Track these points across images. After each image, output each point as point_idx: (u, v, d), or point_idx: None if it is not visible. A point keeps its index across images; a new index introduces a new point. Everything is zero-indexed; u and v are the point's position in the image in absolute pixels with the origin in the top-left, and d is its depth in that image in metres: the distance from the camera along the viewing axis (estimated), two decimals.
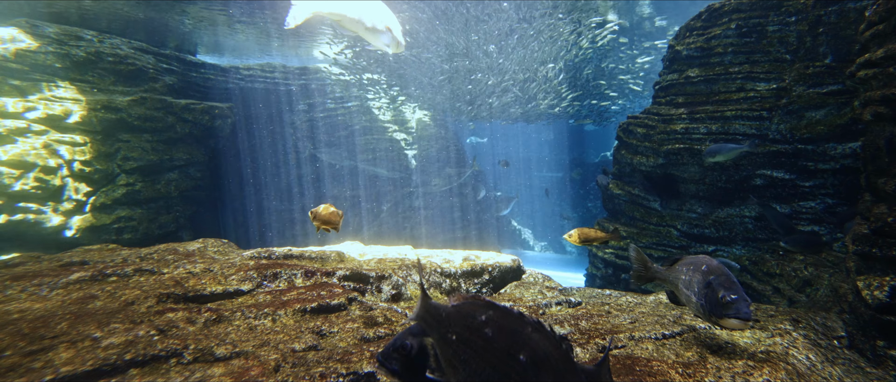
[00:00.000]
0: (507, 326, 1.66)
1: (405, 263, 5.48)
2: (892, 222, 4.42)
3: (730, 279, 2.90)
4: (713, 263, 3.11)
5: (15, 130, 9.79)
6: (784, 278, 7.31)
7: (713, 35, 9.22)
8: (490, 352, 1.63)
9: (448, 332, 1.87)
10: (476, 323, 1.75)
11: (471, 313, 1.81)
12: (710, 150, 8.13)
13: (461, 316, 1.84)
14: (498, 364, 1.58)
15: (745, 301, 2.77)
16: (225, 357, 3.19)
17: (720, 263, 3.13)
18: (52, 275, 4.52)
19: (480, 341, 1.68)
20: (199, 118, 13.08)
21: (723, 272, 2.98)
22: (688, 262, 3.41)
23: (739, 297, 2.77)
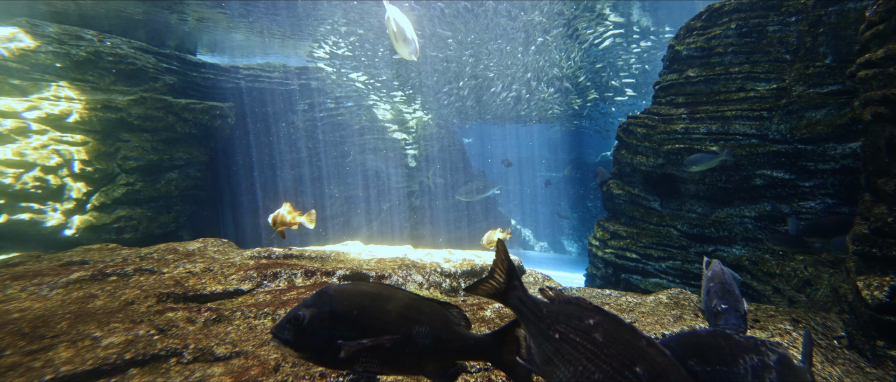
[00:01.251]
0: (619, 335, 1.63)
1: (405, 262, 5.48)
2: (892, 222, 4.42)
3: (725, 289, 2.88)
4: (718, 269, 3.10)
5: (15, 130, 9.78)
6: (784, 278, 7.31)
7: (713, 35, 9.22)
8: (601, 357, 1.61)
9: (550, 329, 1.87)
10: (584, 326, 1.73)
11: (577, 315, 1.80)
12: (689, 160, 8.23)
13: (566, 316, 1.84)
14: (610, 371, 1.56)
15: (735, 313, 2.71)
16: (225, 357, 3.19)
17: (722, 269, 3.12)
18: (52, 274, 4.52)
19: (589, 344, 1.67)
20: (200, 118, 13.08)
21: (721, 279, 2.96)
22: (709, 264, 3.44)
23: (729, 307, 2.74)
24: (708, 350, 2.00)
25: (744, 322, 2.71)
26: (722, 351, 1.99)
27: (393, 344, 2.16)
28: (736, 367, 1.93)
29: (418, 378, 2.53)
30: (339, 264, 5.39)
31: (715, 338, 2.06)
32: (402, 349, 2.19)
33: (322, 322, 2.14)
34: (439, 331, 2.24)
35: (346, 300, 2.21)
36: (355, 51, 17.11)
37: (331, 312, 2.17)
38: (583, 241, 25.43)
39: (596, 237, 10.85)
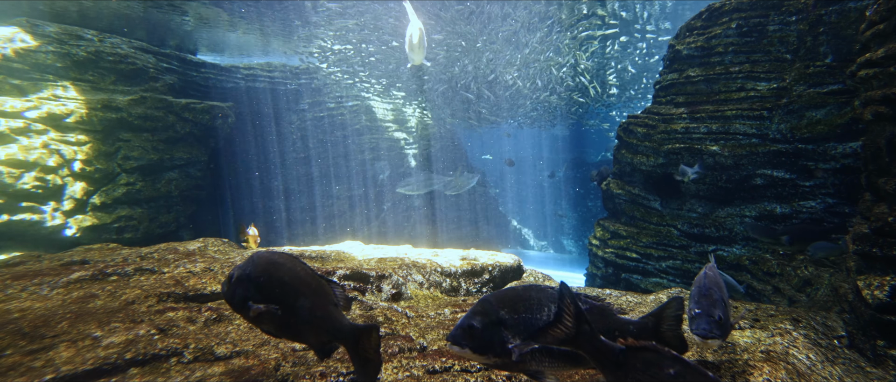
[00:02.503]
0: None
1: (405, 262, 5.48)
2: (893, 221, 4.41)
3: (701, 293, 2.86)
4: (703, 273, 3.09)
5: (15, 130, 9.79)
6: (784, 277, 7.31)
7: (713, 34, 9.21)
8: None
9: (627, 377, 1.89)
10: (664, 376, 1.72)
11: (656, 362, 1.78)
12: (682, 170, 8.47)
13: (645, 364, 1.83)
14: None
15: (707, 317, 2.68)
16: (225, 357, 3.19)
17: (709, 274, 3.09)
18: (52, 274, 4.53)
19: None
20: (200, 118, 13.08)
21: (702, 283, 2.95)
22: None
23: (702, 312, 2.72)
24: (518, 301, 2.33)
25: (717, 327, 2.65)
26: (530, 302, 2.32)
27: (280, 312, 2.42)
28: (539, 313, 2.30)
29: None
30: (339, 263, 5.39)
31: (528, 292, 2.37)
32: (286, 318, 2.44)
33: (241, 282, 2.47)
34: (316, 308, 2.46)
35: (259, 267, 2.50)
36: (355, 50, 17.11)
37: (247, 275, 2.48)
38: (583, 240, 25.42)
39: (596, 237, 10.84)
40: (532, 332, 2.26)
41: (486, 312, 2.32)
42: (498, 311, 2.31)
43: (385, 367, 3.11)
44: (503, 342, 2.27)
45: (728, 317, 2.82)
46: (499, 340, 2.27)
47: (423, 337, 3.71)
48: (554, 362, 2.31)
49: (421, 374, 3.08)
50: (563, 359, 2.33)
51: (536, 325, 2.29)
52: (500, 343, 2.27)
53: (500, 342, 2.27)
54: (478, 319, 2.29)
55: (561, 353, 2.30)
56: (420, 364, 3.15)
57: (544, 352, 2.28)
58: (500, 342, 2.27)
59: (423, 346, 3.51)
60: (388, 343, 3.47)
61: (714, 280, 2.98)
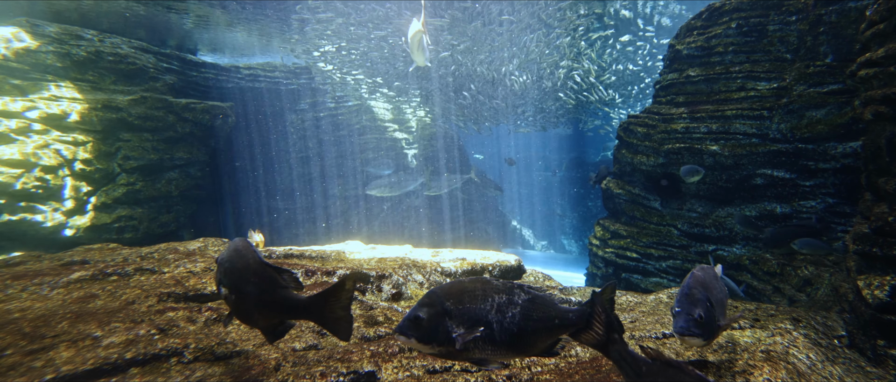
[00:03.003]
0: None
1: (405, 262, 5.48)
2: (893, 221, 4.41)
3: (683, 292, 2.85)
4: (693, 273, 3.08)
5: (16, 130, 9.79)
6: (784, 277, 7.31)
7: (714, 34, 9.21)
8: None
9: None
10: None
11: (677, 380, 1.85)
12: (685, 170, 8.41)
13: (665, 380, 1.92)
14: None
15: (686, 316, 2.69)
16: (225, 356, 3.19)
17: (697, 274, 3.06)
18: (52, 274, 4.53)
19: None
20: (200, 118, 13.08)
21: (686, 282, 2.94)
22: (715, 264, 3.51)
23: (682, 311, 2.73)
24: (463, 293, 2.46)
25: (695, 325, 2.66)
26: (475, 293, 2.46)
27: (234, 297, 2.73)
28: (483, 304, 2.44)
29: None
30: (340, 263, 5.39)
31: (474, 285, 2.51)
32: (238, 302, 2.73)
33: (218, 267, 2.89)
34: (263, 293, 2.67)
35: (226, 255, 2.87)
36: (355, 50, 17.11)
37: (219, 261, 2.89)
38: (583, 240, 25.41)
39: (596, 237, 10.85)
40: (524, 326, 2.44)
41: (432, 304, 2.43)
42: (444, 303, 2.43)
43: (385, 367, 3.11)
44: (448, 331, 2.39)
45: (713, 317, 2.77)
46: (444, 330, 2.39)
47: None
48: (496, 349, 2.46)
49: (421, 374, 3.08)
50: (505, 346, 2.47)
51: (480, 315, 2.43)
52: (445, 332, 2.39)
53: (445, 331, 2.39)
54: (424, 310, 2.41)
55: (503, 341, 2.44)
56: (420, 364, 3.15)
57: (487, 340, 2.42)
58: (444, 331, 2.39)
59: None
60: (389, 342, 3.47)
61: (701, 280, 2.95)
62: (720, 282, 3.19)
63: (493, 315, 2.45)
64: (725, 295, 3.17)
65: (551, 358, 3.34)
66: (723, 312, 3.00)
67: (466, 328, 2.41)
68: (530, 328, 2.51)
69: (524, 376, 3.07)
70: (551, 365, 3.22)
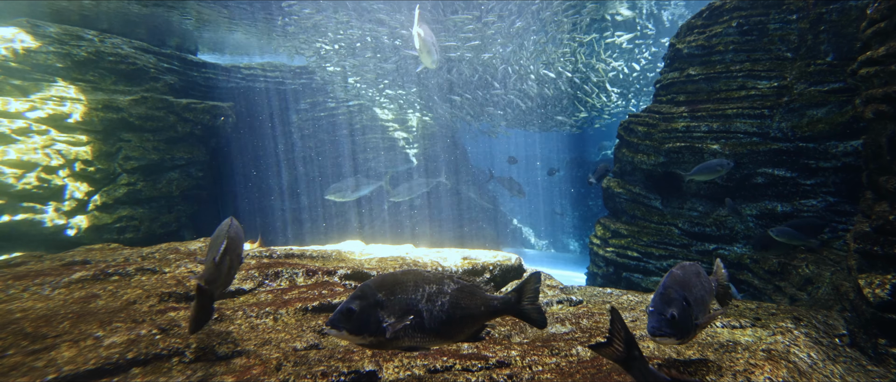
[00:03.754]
0: None
1: (406, 262, 5.49)
2: (894, 220, 4.41)
3: (659, 292, 2.84)
4: (672, 272, 3.04)
5: (16, 130, 9.80)
6: (785, 276, 7.31)
7: (714, 33, 9.20)
8: None
9: None
10: None
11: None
12: (697, 169, 8.30)
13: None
14: None
15: (658, 315, 2.70)
16: (227, 356, 3.20)
17: (676, 273, 3.03)
18: (54, 274, 4.54)
19: None
20: (201, 118, 13.09)
21: (664, 282, 2.92)
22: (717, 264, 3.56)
23: (655, 310, 2.73)
24: (395, 285, 2.59)
25: (668, 325, 2.66)
26: (407, 285, 2.60)
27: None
28: (415, 294, 2.58)
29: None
30: (341, 263, 5.39)
31: (405, 276, 2.65)
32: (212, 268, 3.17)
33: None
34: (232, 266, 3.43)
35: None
36: (356, 51, 17.11)
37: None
38: (584, 239, 25.42)
39: (597, 236, 10.85)
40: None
41: (364, 296, 2.54)
42: (376, 294, 2.54)
43: (386, 366, 3.11)
44: (379, 322, 2.51)
45: (689, 316, 2.75)
46: (375, 320, 2.50)
47: None
48: (426, 336, 2.60)
49: (422, 373, 3.08)
50: (435, 333, 2.62)
51: (412, 305, 2.58)
52: (376, 323, 2.50)
53: (376, 322, 2.50)
54: (356, 303, 2.51)
55: (432, 328, 2.60)
56: (421, 364, 3.16)
57: (417, 328, 2.56)
58: (376, 322, 2.50)
59: None
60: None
61: (679, 279, 2.92)
62: (704, 280, 3.14)
63: (423, 305, 2.59)
64: (709, 293, 3.11)
65: (552, 358, 3.34)
66: (704, 310, 2.96)
67: (397, 318, 2.52)
68: (458, 315, 2.66)
69: (525, 375, 3.07)
70: (552, 364, 3.22)
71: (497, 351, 3.37)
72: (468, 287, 2.74)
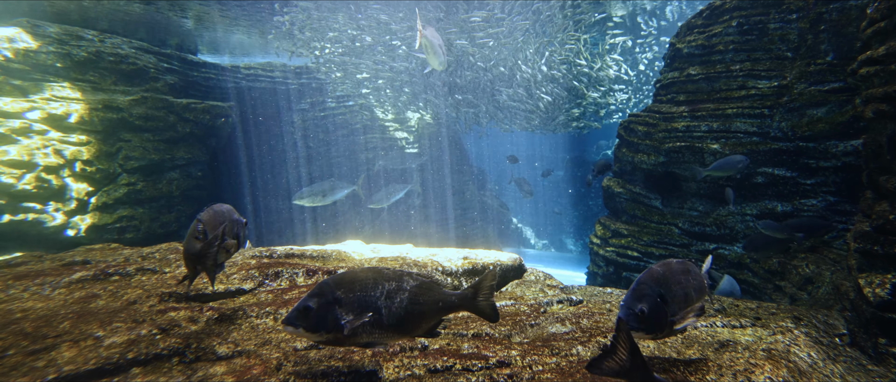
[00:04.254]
0: None
1: (406, 261, 5.49)
2: (894, 219, 4.41)
3: (633, 287, 2.83)
4: (650, 268, 3.02)
5: (16, 130, 9.80)
6: (785, 275, 7.31)
7: (714, 33, 9.20)
8: None
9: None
10: None
11: None
12: (717, 165, 8.22)
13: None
14: None
15: (625, 310, 2.71)
16: (227, 356, 3.20)
17: (656, 270, 3.00)
18: (54, 274, 4.54)
19: None
20: (201, 118, 13.09)
21: (639, 278, 2.91)
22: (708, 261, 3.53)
23: (624, 304, 2.74)
24: (354, 282, 2.63)
25: (637, 321, 2.67)
26: (365, 282, 2.65)
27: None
28: (374, 291, 2.63)
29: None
30: (341, 263, 5.40)
31: (366, 273, 2.69)
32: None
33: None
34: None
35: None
36: (356, 51, 17.10)
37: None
38: (584, 239, 25.41)
39: (597, 235, 10.85)
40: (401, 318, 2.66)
41: (322, 293, 2.55)
42: (334, 292, 2.57)
43: (386, 366, 3.11)
44: (337, 319, 2.53)
45: (661, 312, 2.73)
46: (333, 318, 2.52)
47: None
48: (384, 332, 2.65)
49: (422, 373, 3.08)
50: (393, 329, 2.68)
51: (371, 302, 2.61)
52: (334, 320, 2.52)
53: (334, 319, 2.52)
54: (314, 300, 2.52)
55: (390, 325, 2.65)
56: (421, 364, 3.16)
57: (375, 324, 2.61)
58: (333, 319, 2.52)
59: (424, 345, 3.51)
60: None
61: (656, 275, 2.88)
62: (693, 277, 3.09)
63: (382, 301, 2.64)
64: (694, 289, 3.02)
65: (552, 358, 3.34)
66: (684, 307, 2.91)
67: (355, 315, 2.55)
68: (417, 311, 2.72)
69: (525, 375, 3.07)
70: (552, 364, 3.22)
71: (497, 351, 3.37)
72: (427, 284, 2.80)
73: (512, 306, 4.60)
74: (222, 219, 3.43)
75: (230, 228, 3.42)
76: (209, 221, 3.37)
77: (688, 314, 2.88)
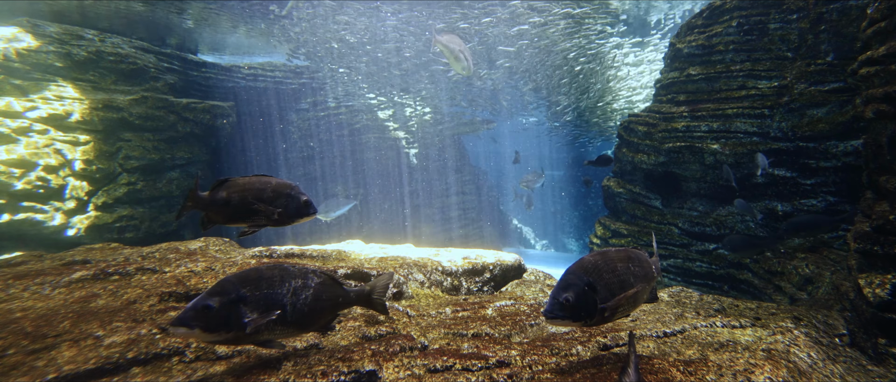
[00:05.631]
0: None
1: (406, 261, 5.49)
2: (894, 219, 4.41)
3: (562, 276, 2.81)
4: (581, 257, 2.98)
5: (17, 130, 9.80)
6: (785, 276, 7.31)
7: (714, 33, 9.20)
8: None
9: None
10: None
11: None
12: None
13: None
14: None
15: (551, 300, 2.70)
16: (227, 356, 3.20)
17: (585, 259, 2.92)
18: (54, 274, 4.54)
19: None
20: (201, 117, 13.09)
21: (569, 267, 2.89)
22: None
23: (551, 294, 2.74)
24: (260, 280, 2.64)
25: (561, 309, 2.66)
26: (272, 280, 2.67)
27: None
28: (280, 289, 2.66)
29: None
30: (341, 263, 5.40)
31: (271, 271, 2.72)
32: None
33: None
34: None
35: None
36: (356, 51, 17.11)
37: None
38: (584, 239, 25.42)
39: (597, 235, 10.85)
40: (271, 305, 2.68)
41: (224, 291, 2.51)
42: (238, 289, 2.53)
43: (386, 366, 3.11)
44: (240, 317, 2.50)
45: (589, 300, 2.71)
46: (236, 316, 2.48)
47: (425, 336, 3.71)
48: (286, 328, 2.69)
49: (422, 373, 3.08)
50: (295, 326, 2.73)
51: (278, 299, 2.64)
52: (237, 318, 2.48)
53: (237, 318, 2.49)
54: (215, 299, 2.46)
55: (293, 321, 2.69)
56: (421, 363, 3.16)
57: (278, 322, 2.63)
58: (236, 318, 2.48)
59: (424, 345, 3.51)
60: (390, 341, 3.47)
61: (587, 264, 2.84)
62: (636, 265, 3.01)
63: (288, 299, 2.67)
64: (635, 276, 2.94)
65: (552, 358, 3.34)
66: (620, 293, 2.83)
67: (260, 313, 2.55)
68: (319, 308, 2.80)
69: (525, 375, 3.07)
70: (552, 364, 3.22)
71: (497, 351, 3.37)
72: (329, 280, 2.91)
73: (512, 306, 4.60)
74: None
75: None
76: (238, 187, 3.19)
77: (621, 300, 2.83)
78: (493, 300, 4.79)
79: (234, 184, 3.18)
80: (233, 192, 3.15)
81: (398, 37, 15.66)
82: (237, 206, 3.16)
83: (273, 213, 3.20)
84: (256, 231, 3.30)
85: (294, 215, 3.30)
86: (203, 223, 3.25)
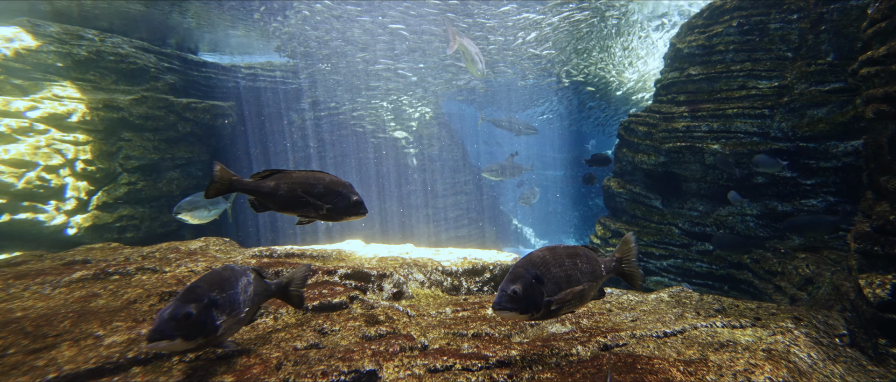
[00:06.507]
0: None
1: (406, 261, 5.49)
2: (895, 220, 4.41)
3: (510, 269, 2.84)
4: (532, 252, 3.00)
5: (17, 130, 9.80)
6: (786, 276, 7.31)
7: (715, 33, 9.20)
8: None
9: None
10: None
11: None
12: (757, 160, 8.08)
13: None
14: None
15: (500, 291, 2.74)
16: (227, 356, 3.20)
17: (534, 253, 2.95)
18: (54, 274, 4.54)
19: None
20: (201, 117, 13.09)
21: (518, 260, 2.92)
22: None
23: (500, 288, 2.77)
24: (223, 282, 2.72)
25: (509, 301, 2.69)
26: (230, 281, 2.78)
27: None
28: (236, 288, 2.78)
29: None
30: (341, 262, 5.40)
31: (226, 272, 2.84)
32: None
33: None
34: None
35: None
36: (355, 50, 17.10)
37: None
38: (584, 239, 25.42)
39: (597, 235, 10.84)
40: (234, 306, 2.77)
41: (198, 297, 2.51)
42: (209, 294, 2.56)
43: (386, 366, 3.12)
44: (213, 321, 2.51)
45: (537, 293, 2.74)
46: (210, 320, 2.49)
47: (425, 336, 3.71)
48: (239, 325, 2.84)
49: (422, 373, 3.09)
50: (242, 324, 2.88)
51: (237, 300, 2.73)
52: (211, 323, 2.49)
53: (211, 322, 2.49)
54: (193, 305, 2.45)
55: (242, 320, 2.82)
56: (421, 363, 3.16)
57: (239, 321, 2.75)
58: (210, 322, 2.49)
59: (424, 345, 3.51)
60: (390, 341, 3.47)
61: (534, 259, 2.88)
62: (584, 262, 3.06)
63: (242, 297, 2.78)
64: (582, 273, 2.99)
65: (552, 358, 3.34)
66: (567, 288, 2.89)
67: (228, 315, 2.59)
68: (257, 302, 3.00)
69: (525, 375, 3.07)
70: (552, 364, 3.22)
71: (497, 351, 3.37)
72: (257, 277, 3.13)
73: None
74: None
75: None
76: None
77: (567, 295, 2.87)
78: (493, 300, 4.79)
79: (285, 176, 3.38)
80: (282, 182, 3.33)
81: (399, 38, 15.66)
82: (284, 196, 3.34)
83: (321, 208, 3.40)
84: (310, 222, 3.55)
85: (343, 212, 3.45)
86: (254, 206, 3.44)
